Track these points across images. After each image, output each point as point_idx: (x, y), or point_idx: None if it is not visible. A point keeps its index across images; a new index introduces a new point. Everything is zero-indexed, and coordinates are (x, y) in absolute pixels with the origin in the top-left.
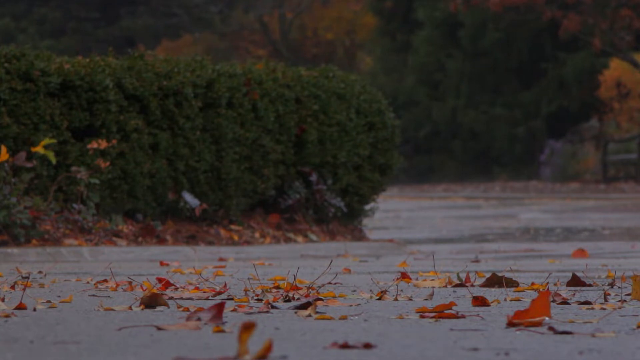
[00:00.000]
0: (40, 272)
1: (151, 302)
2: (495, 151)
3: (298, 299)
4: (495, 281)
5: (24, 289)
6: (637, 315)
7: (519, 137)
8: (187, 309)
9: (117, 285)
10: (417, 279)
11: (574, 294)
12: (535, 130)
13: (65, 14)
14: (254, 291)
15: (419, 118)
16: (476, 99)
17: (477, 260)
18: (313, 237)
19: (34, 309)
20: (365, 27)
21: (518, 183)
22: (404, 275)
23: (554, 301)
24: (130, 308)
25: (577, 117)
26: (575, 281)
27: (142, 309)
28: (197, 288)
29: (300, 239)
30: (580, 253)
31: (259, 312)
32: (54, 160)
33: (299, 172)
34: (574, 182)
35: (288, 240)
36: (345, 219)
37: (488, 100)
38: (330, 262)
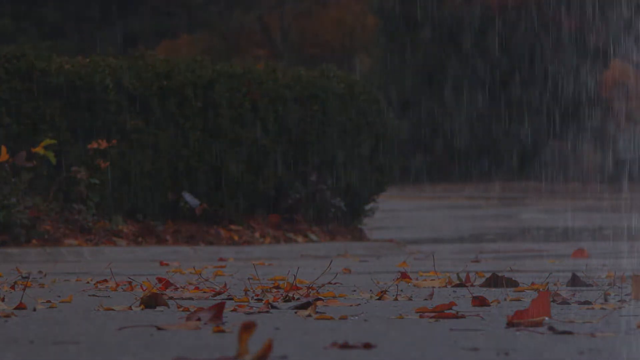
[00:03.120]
0: (40, 272)
1: (151, 302)
2: (495, 151)
3: (298, 299)
4: (495, 281)
5: (24, 289)
6: (637, 315)
7: (519, 137)
8: (187, 309)
9: (117, 285)
10: (417, 279)
11: (574, 294)
12: (535, 130)
13: (65, 14)
14: (254, 291)
15: (419, 118)
16: (476, 99)
17: (477, 260)
18: (313, 237)
19: (34, 309)
20: (366, 27)
21: (518, 183)
22: (404, 275)
23: (554, 301)
24: (130, 308)
25: (578, 117)
26: (575, 281)
27: (142, 309)
28: (197, 288)
29: (300, 239)
30: (580, 253)
31: (259, 312)
32: (54, 161)
33: (299, 172)
34: (574, 182)
35: (288, 240)
36: (345, 219)
37: (488, 100)
38: (330, 262)
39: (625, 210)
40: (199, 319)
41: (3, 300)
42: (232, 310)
